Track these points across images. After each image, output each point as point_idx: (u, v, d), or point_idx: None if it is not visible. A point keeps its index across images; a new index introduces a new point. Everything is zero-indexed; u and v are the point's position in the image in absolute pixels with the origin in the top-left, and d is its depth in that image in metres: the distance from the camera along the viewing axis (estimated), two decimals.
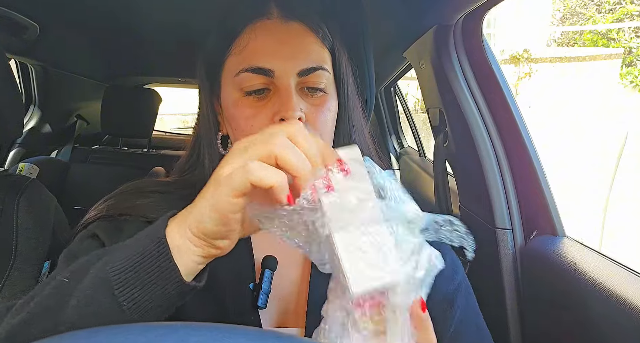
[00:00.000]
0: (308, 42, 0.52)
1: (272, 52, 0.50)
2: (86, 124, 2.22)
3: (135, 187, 0.57)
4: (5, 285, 0.78)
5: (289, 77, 0.50)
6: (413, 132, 2.17)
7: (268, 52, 0.50)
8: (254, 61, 0.50)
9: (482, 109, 0.91)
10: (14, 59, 1.74)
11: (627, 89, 6.79)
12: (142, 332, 0.22)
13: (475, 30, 0.89)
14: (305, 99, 0.52)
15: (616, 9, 8.27)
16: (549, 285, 0.77)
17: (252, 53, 0.50)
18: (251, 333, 0.25)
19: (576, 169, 4.04)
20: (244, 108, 0.51)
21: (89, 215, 0.54)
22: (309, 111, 0.51)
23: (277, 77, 0.50)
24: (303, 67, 0.50)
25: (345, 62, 0.57)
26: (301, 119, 0.49)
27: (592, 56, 6.21)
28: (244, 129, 0.51)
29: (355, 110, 0.58)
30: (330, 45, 0.55)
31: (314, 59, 0.51)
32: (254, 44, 0.51)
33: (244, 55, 0.51)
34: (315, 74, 0.51)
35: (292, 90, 0.50)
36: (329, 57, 0.54)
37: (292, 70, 0.50)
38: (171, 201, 0.54)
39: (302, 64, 0.50)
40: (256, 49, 0.50)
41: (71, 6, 1.23)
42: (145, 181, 0.58)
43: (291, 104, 0.49)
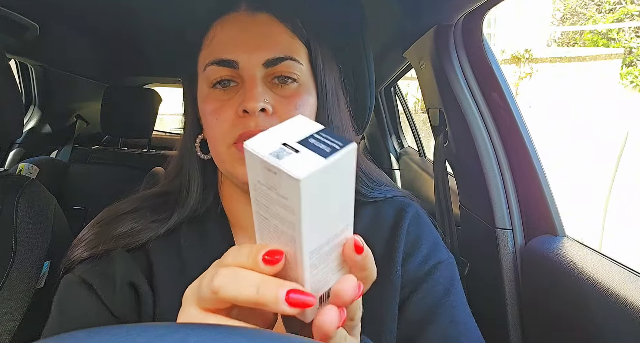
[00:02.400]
0: (276, 32, 0.50)
1: (236, 42, 0.49)
2: (86, 124, 2.22)
3: (109, 214, 0.54)
4: (5, 286, 0.78)
5: (254, 68, 0.48)
6: (413, 132, 2.17)
7: (232, 43, 0.49)
8: (217, 53, 0.49)
9: (482, 109, 0.91)
10: (14, 59, 1.74)
11: (627, 89, 6.79)
12: (141, 332, 0.22)
13: (475, 30, 0.89)
14: (274, 90, 0.49)
15: (616, 9, 8.27)
16: (549, 285, 0.77)
17: (217, 45, 0.49)
18: (251, 333, 0.24)
19: (576, 169, 4.04)
20: (210, 102, 0.50)
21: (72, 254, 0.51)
22: (278, 103, 0.49)
23: (241, 68, 0.48)
24: (269, 56, 0.48)
25: (325, 59, 0.54)
26: (266, 110, 0.47)
27: (592, 56, 6.21)
28: (211, 123, 0.50)
29: (336, 110, 0.55)
30: (305, 38, 0.52)
31: (281, 48, 0.49)
32: (219, 36, 0.50)
33: (210, 48, 0.50)
34: (284, 64, 0.49)
35: (257, 80, 0.48)
36: (303, 50, 0.52)
37: (257, 60, 0.48)
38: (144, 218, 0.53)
39: (268, 53, 0.48)
40: (221, 41, 0.49)
41: (71, 6, 1.23)
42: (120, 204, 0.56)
43: (253, 94, 0.46)
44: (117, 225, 0.52)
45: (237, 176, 0.49)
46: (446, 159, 1.10)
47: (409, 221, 0.56)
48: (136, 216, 0.54)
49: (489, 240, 0.89)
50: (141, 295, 0.49)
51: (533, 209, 0.86)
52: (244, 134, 0.47)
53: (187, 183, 0.55)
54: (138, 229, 0.52)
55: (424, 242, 0.55)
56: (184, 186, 0.55)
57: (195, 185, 0.54)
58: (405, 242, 0.54)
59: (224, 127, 0.48)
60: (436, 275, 0.53)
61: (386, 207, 0.58)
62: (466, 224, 1.02)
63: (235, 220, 0.56)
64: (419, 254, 0.54)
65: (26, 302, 0.80)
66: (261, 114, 0.47)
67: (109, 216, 0.54)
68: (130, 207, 0.55)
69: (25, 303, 0.80)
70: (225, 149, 0.49)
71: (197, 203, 0.54)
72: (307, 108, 0.51)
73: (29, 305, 0.80)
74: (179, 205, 0.54)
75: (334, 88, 0.55)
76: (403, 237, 0.54)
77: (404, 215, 0.56)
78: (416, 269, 0.53)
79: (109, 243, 0.50)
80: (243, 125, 0.47)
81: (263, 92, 0.47)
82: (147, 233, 0.52)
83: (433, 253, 0.55)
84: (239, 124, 0.47)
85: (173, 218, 0.53)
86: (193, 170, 0.55)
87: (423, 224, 0.58)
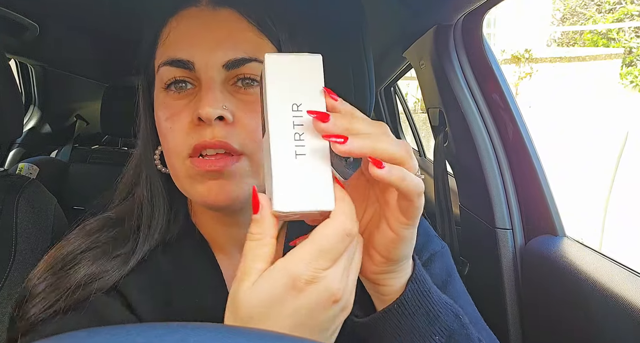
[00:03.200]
0: (240, 29, 0.43)
1: (192, 40, 0.42)
2: (86, 124, 2.22)
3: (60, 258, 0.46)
4: (5, 286, 0.78)
5: (211, 70, 0.42)
6: (413, 132, 2.17)
7: (187, 40, 0.43)
8: (171, 52, 0.43)
9: (482, 109, 0.91)
10: (14, 59, 1.74)
11: (627, 89, 6.79)
12: (141, 332, 0.22)
13: (475, 30, 0.89)
14: (236, 96, 0.43)
15: (616, 9, 8.27)
16: (549, 285, 0.77)
17: (171, 43, 0.43)
18: (251, 333, 0.24)
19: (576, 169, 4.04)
20: (165, 108, 0.43)
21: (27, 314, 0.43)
22: (240, 110, 0.42)
23: (197, 69, 0.42)
24: (230, 57, 0.42)
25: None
26: (225, 118, 0.41)
27: (592, 56, 6.21)
28: (164, 133, 0.43)
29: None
30: (275, 39, 0.45)
31: (245, 48, 0.42)
32: (174, 33, 0.44)
33: (165, 47, 0.44)
34: (247, 67, 0.42)
35: (216, 84, 0.41)
36: (271, 49, 0.45)
37: (217, 61, 0.42)
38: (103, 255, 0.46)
39: (229, 54, 0.42)
40: (176, 39, 0.43)
41: (71, 6, 1.23)
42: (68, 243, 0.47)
43: (209, 99, 0.40)
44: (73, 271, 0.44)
45: (194, 196, 0.43)
46: (446, 159, 1.10)
47: None
48: (92, 255, 0.45)
49: (489, 240, 0.89)
50: None
51: (533, 209, 0.86)
52: (198, 145, 0.41)
53: (148, 204, 0.47)
54: (100, 271, 0.44)
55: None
56: (145, 207, 0.47)
57: (160, 203, 0.48)
58: None
59: (178, 138, 0.42)
60: (431, 267, 0.51)
61: None
62: (466, 224, 1.02)
63: (213, 240, 0.50)
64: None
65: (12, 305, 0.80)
66: (219, 123, 0.41)
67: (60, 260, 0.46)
68: (83, 245, 0.46)
69: None
70: (180, 163, 0.43)
71: (166, 224, 0.48)
72: None
73: None
74: (142, 231, 0.47)
75: None
76: None
77: None
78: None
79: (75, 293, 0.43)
80: (198, 134, 0.41)
81: (222, 98, 0.41)
82: (113, 273, 0.45)
83: (426, 245, 0.52)
84: (194, 134, 0.41)
85: (140, 248, 0.46)
86: (155, 187, 0.48)
87: None
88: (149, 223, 0.47)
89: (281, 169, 0.30)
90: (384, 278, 0.37)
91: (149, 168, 0.48)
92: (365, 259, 0.36)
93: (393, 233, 0.34)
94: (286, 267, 0.29)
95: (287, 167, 0.30)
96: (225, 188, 0.42)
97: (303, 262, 0.29)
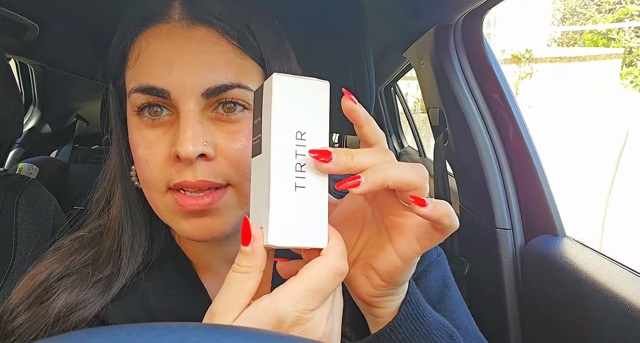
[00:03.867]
0: (219, 51, 0.39)
1: (166, 65, 0.38)
2: (86, 124, 2.22)
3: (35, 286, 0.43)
4: (5, 285, 0.78)
5: (189, 99, 0.37)
6: (413, 132, 2.17)
7: (161, 65, 0.38)
8: (143, 78, 0.38)
9: (482, 109, 0.91)
10: (14, 59, 1.74)
11: (627, 89, 6.79)
12: (141, 332, 0.22)
13: (475, 30, 0.89)
14: (217, 125, 0.39)
15: (616, 9, 8.27)
16: (549, 285, 0.77)
17: (142, 67, 0.39)
18: (251, 333, 0.24)
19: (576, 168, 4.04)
20: (140, 135, 0.39)
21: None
22: (223, 141, 0.39)
23: (173, 98, 0.37)
24: (210, 85, 0.37)
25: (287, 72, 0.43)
26: (207, 155, 0.37)
27: (592, 56, 6.21)
28: (140, 162, 0.40)
29: None
30: (257, 55, 0.41)
31: (227, 73, 0.38)
32: (145, 55, 0.39)
33: (135, 69, 0.39)
34: (228, 93, 0.38)
35: (195, 116, 0.37)
36: (255, 69, 0.41)
37: (194, 89, 0.37)
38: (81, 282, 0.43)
39: (208, 80, 0.37)
40: (147, 62, 0.39)
41: (71, 6, 1.23)
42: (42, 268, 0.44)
43: (187, 135, 0.36)
44: (50, 302, 0.41)
45: (177, 230, 0.41)
46: (446, 159, 1.10)
47: None
48: (70, 282, 0.42)
49: (489, 240, 0.89)
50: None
51: (533, 209, 0.86)
52: (178, 184, 0.38)
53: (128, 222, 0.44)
54: (79, 300, 0.41)
55: None
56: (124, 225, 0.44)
57: (140, 221, 0.45)
58: None
59: (154, 171, 0.39)
60: (427, 278, 0.49)
61: None
62: (466, 224, 1.02)
63: (197, 259, 0.48)
64: None
65: None
66: (200, 161, 0.37)
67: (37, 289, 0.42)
68: (57, 271, 0.43)
69: None
70: (159, 196, 0.40)
71: (149, 244, 0.45)
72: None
73: None
74: (124, 251, 0.44)
75: None
76: None
77: None
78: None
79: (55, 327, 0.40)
80: (178, 173, 0.38)
81: (202, 132, 0.37)
82: (94, 302, 0.42)
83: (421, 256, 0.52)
84: (174, 171, 0.38)
85: (123, 272, 0.43)
86: (133, 204, 0.44)
87: None
88: (130, 243, 0.44)
89: (279, 202, 0.29)
90: (380, 301, 0.36)
91: (125, 183, 0.45)
92: (363, 282, 0.35)
93: (400, 261, 0.32)
94: (271, 306, 0.27)
95: (286, 200, 0.29)
96: (211, 226, 0.39)
97: (291, 302, 0.27)
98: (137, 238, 0.44)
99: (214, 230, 0.39)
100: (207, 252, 0.47)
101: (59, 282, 0.42)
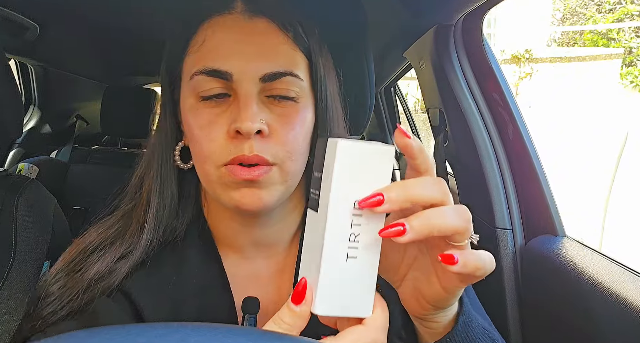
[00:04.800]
0: (275, 42, 0.44)
1: (230, 51, 0.43)
2: (86, 124, 2.22)
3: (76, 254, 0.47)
4: (4, 286, 0.78)
5: (249, 82, 0.42)
6: (413, 132, 2.17)
7: (226, 51, 0.43)
8: (209, 62, 0.43)
9: (482, 109, 0.91)
10: (14, 59, 1.74)
11: (627, 89, 6.79)
12: (141, 332, 0.22)
13: (475, 30, 0.89)
14: (270, 108, 0.44)
15: (616, 9, 8.27)
16: (549, 285, 0.77)
17: (208, 52, 0.44)
18: (251, 333, 0.24)
19: (576, 168, 4.04)
20: (199, 115, 0.44)
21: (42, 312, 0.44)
22: (275, 122, 0.44)
23: (235, 80, 0.42)
24: (267, 71, 0.43)
25: (326, 68, 0.49)
26: (262, 132, 0.42)
27: (592, 56, 6.21)
28: (199, 139, 0.44)
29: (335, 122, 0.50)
30: (306, 49, 0.46)
31: (281, 62, 0.44)
32: (210, 41, 0.44)
33: (200, 54, 0.44)
34: (282, 81, 0.44)
35: (253, 97, 0.42)
36: (303, 61, 0.46)
37: (254, 73, 0.43)
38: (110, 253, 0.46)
39: (266, 67, 0.43)
40: (213, 48, 0.44)
41: (71, 6, 1.23)
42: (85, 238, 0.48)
43: (248, 113, 0.41)
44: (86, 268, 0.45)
45: (226, 201, 0.45)
46: (446, 159, 1.10)
47: None
48: (102, 253, 0.46)
49: (489, 240, 0.89)
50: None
51: (533, 209, 0.86)
52: (237, 159, 0.42)
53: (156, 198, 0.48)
54: (107, 270, 0.45)
55: None
56: (152, 202, 0.48)
57: (169, 197, 0.48)
58: None
59: (213, 147, 0.43)
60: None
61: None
62: None
63: (224, 238, 0.51)
64: None
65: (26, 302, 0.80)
66: (256, 136, 0.42)
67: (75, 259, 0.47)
68: (95, 242, 0.47)
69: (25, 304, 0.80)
70: (214, 169, 0.44)
71: (173, 219, 0.49)
72: (305, 125, 0.46)
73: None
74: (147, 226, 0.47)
75: (333, 100, 0.50)
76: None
77: None
78: None
79: (86, 293, 0.44)
80: (236, 148, 0.42)
81: (258, 111, 0.42)
82: (118, 273, 0.45)
83: None
84: (232, 146, 0.43)
85: (142, 245, 0.46)
86: (165, 181, 0.48)
87: None
88: (154, 218, 0.47)
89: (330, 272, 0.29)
90: (431, 318, 0.37)
91: (164, 162, 0.49)
92: (412, 303, 0.36)
93: (445, 293, 0.33)
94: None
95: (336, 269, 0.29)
96: (258, 195, 0.44)
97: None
98: (163, 214, 0.48)
99: (260, 199, 0.44)
100: (238, 232, 0.50)
101: (92, 254, 0.47)
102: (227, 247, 0.51)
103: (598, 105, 5.18)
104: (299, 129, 0.45)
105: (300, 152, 0.46)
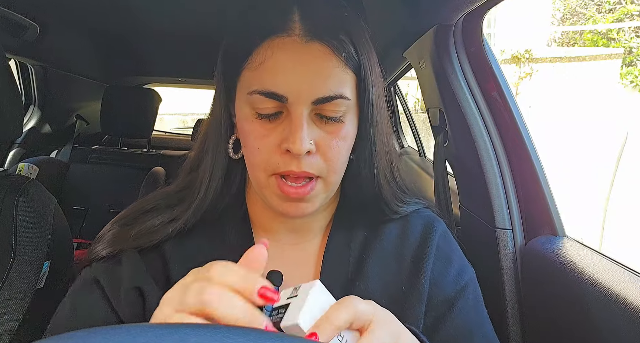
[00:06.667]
0: (329, 66, 0.46)
1: (288, 76, 0.45)
2: (86, 124, 2.22)
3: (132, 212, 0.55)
4: (5, 286, 0.78)
5: (302, 105, 0.46)
6: (413, 132, 2.17)
7: (284, 75, 0.46)
8: (267, 84, 0.46)
9: (482, 109, 0.91)
10: (14, 59, 1.74)
11: (627, 89, 6.80)
12: (141, 332, 0.22)
13: (475, 30, 0.89)
14: (318, 126, 0.48)
15: (616, 9, 8.27)
16: (549, 285, 0.77)
17: (267, 74, 0.46)
18: (251, 333, 0.24)
19: (576, 168, 4.05)
20: (253, 127, 0.48)
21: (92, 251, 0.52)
22: (322, 139, 0.48)
23: (290, 103, 0.46)
24: (319, 95, 0.46)
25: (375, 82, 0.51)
26: (310, 152, 0.46)
27: (592, 56, 6.21)
28: (252, 150, 0.49)
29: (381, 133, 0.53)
30: (356, 66, 0.48)
31: (332, 86, 0.46)
32: (270, 63, 0.46)
33: (258, 74, 0.47)
34: (332, 103, 0.47)
35: (304, 119, 0.46)
36: (351, 80, 0.49)
37: (307, 98, 0.45)
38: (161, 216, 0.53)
39: (318, 92, 0.46)
40: (271, 70, 0.46)
41: (71, 6, 1.23)
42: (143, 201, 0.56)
43: (299, 136, 0.45)
44: (135, 225, 0.52)
45: (270, 204, 0.50)
46: (446, 159, 1.10)
47: (439, 237, 0.58)
48: (153, 215, 0.53)
49: (489, 240, 0.89)
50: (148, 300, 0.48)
51: (533, 209, 0.86)
52: (285, 173, 0.47)
53: (207, 177, 0.53)
54: (153, 229, 0.52)
55: (455, 260, 0.57)
56: (203, 180, 0.53)
57: (216, 179, 0.53)
58: (435, 258, 0.56)
59: (264, 157, 0.48)
60: (467, 292, 0.55)
61: (413, 220, 0.60)
62: (466, 224, 1.02)
63: (259, 221, 0.56)
64: (451, 271, 0.56)
65: (26, 302, 0.80)
66: (304, 155, 0.46)
67: (131, 214, 0.54)
68: (150, 205, 0.55)
69: (25, 304, 0.80)
70: (265, 177, 0.49)
71: (216, 198, 0.53)
72: (348, 140, 0.50)
73: (28, 305, 0.80)
74: (194, 200, 0.53)
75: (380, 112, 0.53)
76: (432, 251, 0.56)
77: (433, 231, 0.58)
78: (448, 287, 0.55)
79: (124, 244, 0.51)
80: (285, 164, 0.47)
81: (309, 132, 0.46)
82: (161, 233, 0.52)
83: (463, 271, 0.57)
84: (281, 162, 0.47)
85: (187, 215, 0.52)
86: (216, 165, 0.53)
87: (451, 241, 0.60)
88: (201, 194, 0.53)
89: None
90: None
91: (218, 151, 0.53)
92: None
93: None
94: None
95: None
96: (302, 208, 0.49)
97: None
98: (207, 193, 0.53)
99: (303, 210, 0.49)
100: (277, 220, 0.56)
101: (147, 213, 0.54)
102: (261, 229, 0.56)
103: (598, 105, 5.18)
104: (342, 143, 0.49)
105: (343, 163, 0.50)
